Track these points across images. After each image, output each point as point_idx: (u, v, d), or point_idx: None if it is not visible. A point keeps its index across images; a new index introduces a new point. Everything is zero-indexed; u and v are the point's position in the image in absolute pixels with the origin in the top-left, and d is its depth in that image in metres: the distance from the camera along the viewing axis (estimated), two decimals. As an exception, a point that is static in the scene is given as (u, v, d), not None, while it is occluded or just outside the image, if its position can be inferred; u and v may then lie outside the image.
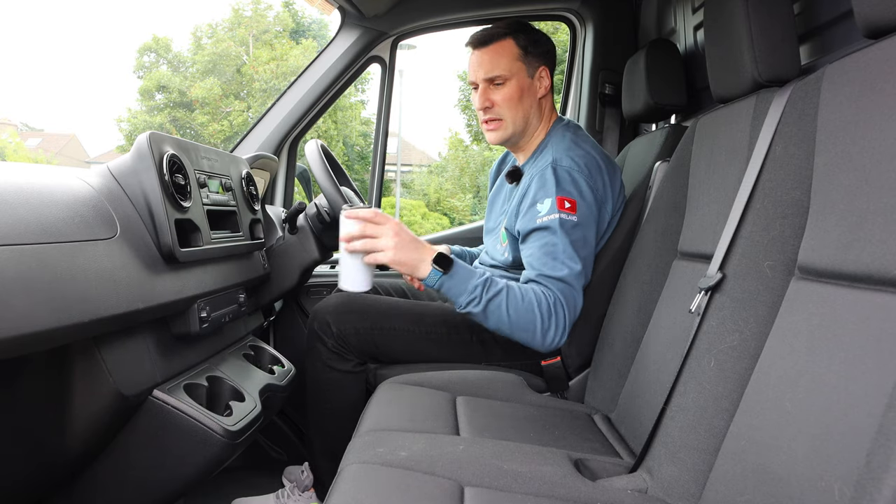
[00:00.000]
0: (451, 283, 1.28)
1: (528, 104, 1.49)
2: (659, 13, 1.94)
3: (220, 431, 1.07)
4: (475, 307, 1.29)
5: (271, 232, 1.64)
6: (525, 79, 1.48)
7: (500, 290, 1.30)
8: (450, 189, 17.07)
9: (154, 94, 19.49)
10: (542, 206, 1.38)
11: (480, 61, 1.49)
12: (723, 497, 0.80)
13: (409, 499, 0.80)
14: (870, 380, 0.63)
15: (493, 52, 1.47)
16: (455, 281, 1.28)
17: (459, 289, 1.29)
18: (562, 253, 1.35)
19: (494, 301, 1.29)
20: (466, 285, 1.29)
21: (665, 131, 1.54)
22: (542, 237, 1.37)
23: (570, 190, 1.38)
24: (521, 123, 1.50)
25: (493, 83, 1.48)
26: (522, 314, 1.30)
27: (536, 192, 1.40)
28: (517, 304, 1.30)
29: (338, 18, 2.02)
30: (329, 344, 1.45)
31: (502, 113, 1.49)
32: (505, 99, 1.47)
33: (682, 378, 0.95)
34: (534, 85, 1.50)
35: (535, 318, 1.30)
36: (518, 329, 1.31)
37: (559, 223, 1.35)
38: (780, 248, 0.86)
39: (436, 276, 1.28)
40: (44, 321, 0.75)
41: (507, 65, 1.46)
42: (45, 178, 0.92)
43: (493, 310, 1.29)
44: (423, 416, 1.14)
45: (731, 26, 1.05)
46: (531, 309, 1.30)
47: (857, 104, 0.76)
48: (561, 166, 1.40)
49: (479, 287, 1.29)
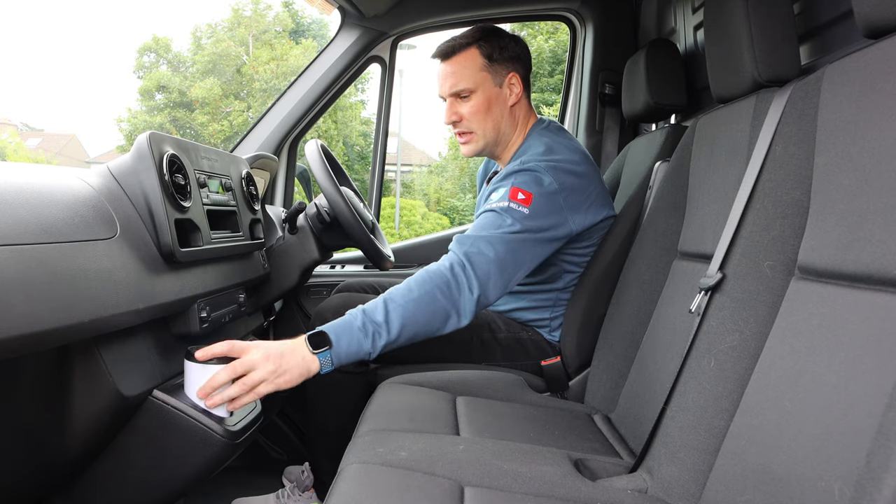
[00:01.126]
0: (343, 348, 1.09)
1: (497, 114, 1.44)
2: (659, 13, 1.94)
3: (220, 431, 1.07)
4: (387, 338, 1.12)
5: (271, 232, 1.64)
6: (492, 88, 1.43)
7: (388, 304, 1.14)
8: (450, 189, 17.08)
9: (154, 94, 19.50)
10: (495, 195, 1.33)
11: (445, 74, 1.44)
12: (723, 497, 0.80)
13: (409, 499, 0.80)
14: (870, 380, 0.63)
15: (457, 64, 1.42)
16: (345, 340, 1.10)
17: (354, 342, 1.10)
18: (487, 227, 1.25)
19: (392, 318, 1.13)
20: (354, 332, 1.10)
21: (665, 131, 1.54)
22: (481, 219, 1.30)
23: (527, 183, 1.30)
24: (493, 134, 1.46)
25: (459, 97, 1.43)
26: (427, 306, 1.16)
27: (496, 183, 1.37)
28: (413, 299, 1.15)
29: (338, 18, 2.02)
30: None
31: (471, 126, 1.45)
32: (472, 112, 1.43)
33: (682, 378, 0.95)
34: (502, 93, 1.44)
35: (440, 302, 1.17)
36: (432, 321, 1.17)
37: (506, 209, 1.27)
38: (780, 248, 0.86)
39: (328, 357, 1.08)
40: (44, 321, 0.75)
41: (471, 76, 1.41)
42: (45, 178, 0.92)
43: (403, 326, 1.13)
44: (423, 416, 1.13)
45: (731, 26, 1.05)
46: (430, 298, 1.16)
47: (857, 104, 0.76)
48: (527, 166, 1.34)
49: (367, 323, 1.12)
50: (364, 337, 1.11)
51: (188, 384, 1.09)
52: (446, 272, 1.20)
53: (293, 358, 1.06)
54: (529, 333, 1.52)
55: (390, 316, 1.13)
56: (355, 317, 1.13)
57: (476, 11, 2.11)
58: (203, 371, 1.07)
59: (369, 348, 1.11)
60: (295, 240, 1.63)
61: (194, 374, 1.08)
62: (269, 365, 1.04)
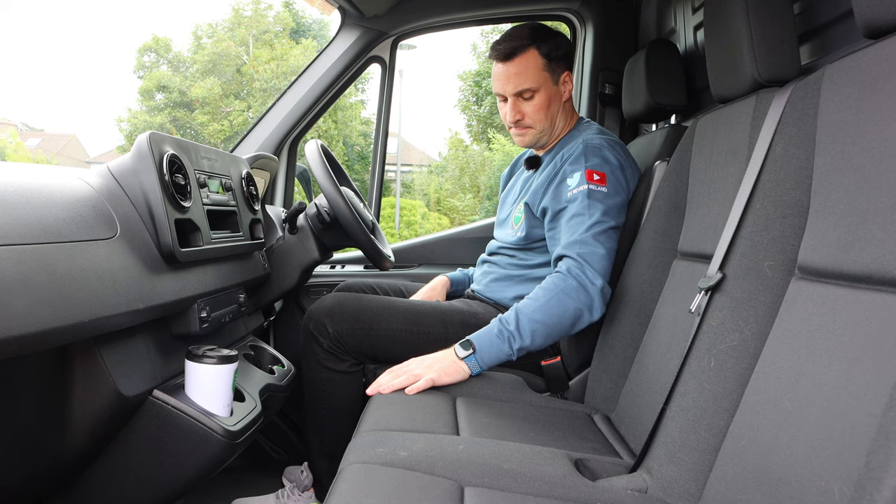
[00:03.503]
0: (486, 352, 1.28)
1: (555, 110, 1.54)
2: (659, 13, 1.94)
3: (220, 431, 1.07)
4: (520, 342, 1.28)
5: (271, 232, 1.64)
6: (552, 87, 1.52)
7: (519, 313, 1.29)
8: (450, 189, 17.06)
9: (154, 94, 19.49)
10: (572, 181, 1.42)
11: (508, 75, 1.50)
12: (723, 497, 0.80)
13: (409, 499, 0.80)
14: (870, 380, 0.63)
15: (520, 66, 1.48)
16: (486, 345, 1.28)
17: (494, 347, 1.28)
18: (586, 220, 1.37)
19: (521, 321, 1.28)
20: (492, 340, 1.28)
21: (665, 131, 1.54)
22: (570, 210, 1.40)
23: (599, 163, 1.41)
24: (549, 128, 1.55)
25: (521, 96, 1.51)
26: (545, 306, 1.29)
27: (566, 169, 1.45)
28: (532, 305, 1.30)
29: (338, 18, 2.02)
30: (325, 344, 1.45)
31: (532, 122, 1.53)
32: (535, 111, 1.51)
33: (682, 378, 0.95)
34: (559, 91, 1.54)
35: (562, 300, 1.29)
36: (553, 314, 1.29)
37: (587, 193, 1.38)
38: (780, 248, 0.86)
39: (474, 361, 1.28)
40: (44, 321, 0.75)
41: (534, 77, 1.49)
42: (45, 178, 0.92)
43: (525, 326, 1.28)
44: (423, 416, 1.13)
45: (731, 26, 1.05)
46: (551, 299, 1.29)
47: (857, 104, 0.76)
48: (591, 144, 1.45)
49: (502, 331, 1.28)
50: (502, 342, 1.28)
51: (189, 384, 1.09)
52: (568, 276, 1.32)
53: (446, 361, 1.29)
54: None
55: (521, 322, 1.28)
56: (493, 326, 1.30)
57: (476, 11, 2.11)
58: (203, 371, 1.08)
59: (508, 351, 1.28)
60: (295, 240, 1.63)
61: (195, 374, 1.08)
62: (429, 367, 1.27)
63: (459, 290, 1.80)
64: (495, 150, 15.17)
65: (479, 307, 1.58)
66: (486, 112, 16.69)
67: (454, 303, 1.61)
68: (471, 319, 1.51)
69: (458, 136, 17.44)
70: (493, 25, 6.86)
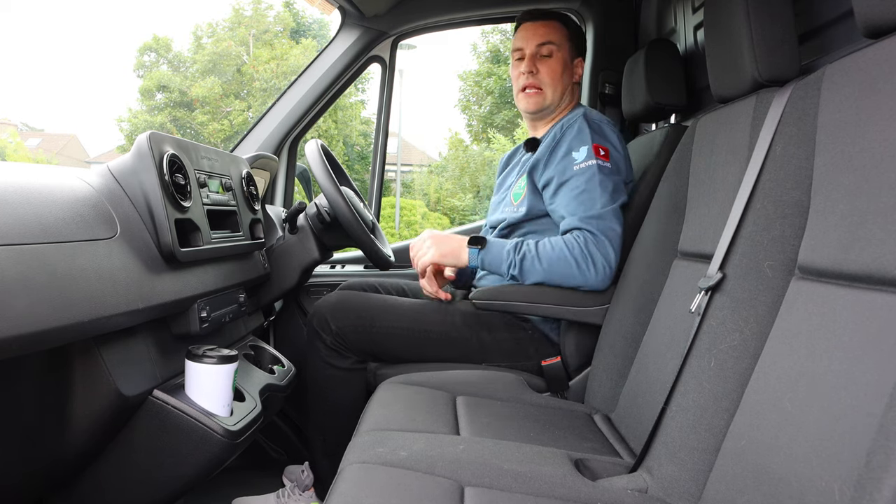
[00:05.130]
0: (489, 257, 1.43)
1: (566, 82, 1.61)
2: (659, 13, 1.94)
3: (220, 431, 1.07)
4: (514, 270, 1.41)
5: (271, 232, 1.64)
6: (567, 57, 1.62)
7: (530, 248, 1.42)
8: (450, 189, 17.07)
9: (154, 94, 19.48)
10: (578, 154, 1.46)
11: (535, 30, 1.61)
12: (723, 497, 0.80)
13: (409, 499, 0.80)
14: (870, 380, 0.63)
15: (547, 26, 1.61)
16: (492, 253, 1.43)
17: (498, 259, 1.43)
18: (599, 196, 1.41)
19: (527, 259, 1.41)
20: (502, 254, 1.43)
21: (665, 131, 1.54)
22: (578, 184, 1.44)
23: (602, 139, 1.48)
24: (557, 98, 1.61)
25: (540, 55, 1.60)
26: (555, 263, 1.39)
27: (571, 141, 1.48)
28: (548, 255, 1.40)
29: (338, 18, 2.02)
30: (328, 341, 1.46)
31: (544, 81, 1.59)
32: (550, 70, 1.59)
33: (683, 378, 0.95)
34: (573, 68, 1.63)
35: (570, 264, 1.38)
36: (557, 276, 1.40)
37: (597, 169, 1.43)
38: (780, 248, 0.86)
39: (475, 254, 1.44)
40: (44, 321, 0.75)
41: (558, 38, 1.60)
42: (45, 178, 0.92)
43: (528, 267, 1.41)
44: (423, 416, 1.14)
45: (731, 26, 1.05)
46: (563, 256, 1.39)
47: (857, 104, 0.76)
48: (592, 118, 1.51)
49: (510, 252, 1.42)
50: (504, 261, 1.43)
51: (189, 384, 1.09)
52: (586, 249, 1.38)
53: (451, 242, 1.47)
54: (529, 332, 1.52)
55: (526, 260, 1.41)
56: (508, 244, 1.44)
57: (476, 11, 2.11)
58: (203, 371, 1.08)
59: (505, 271, 1.43)
60: (295, 240, 1.63)
61: (195, 374, 1.08)
62: (430, 241, 1.48)
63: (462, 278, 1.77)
64: (495, 150, 15.16)
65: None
66: (486, 112, 16.69)
67: (456, 301, 1.62)
68: (472, 319, 1.51)
69: (458, 136, 17.46)
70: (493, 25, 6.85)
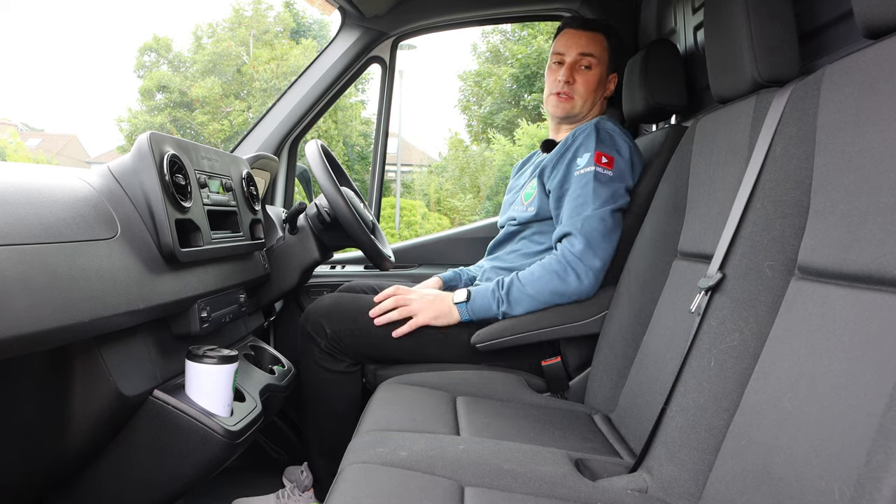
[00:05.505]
0: (477, 306, 1.45)
1: (598, 96, 1.65)
2: (659, 13, 1.94)
3: (220, 431, 1.07)
4: (504, 306, 1.43)
5: (271, 232, 1.64)
6: (604, 72, 1.64)
7: (513, 280, 1.44)
8: (450, 189, 17.06)
9: (154, 94, 19.48)
10: (581, 161, 1.49)
11: (578, 39, 1.63)
12: (723, 497, 0.80)
13: (409, 499, 0.80)
14: (870, 380, 0.63)
15: (590, 38, 1.62)
16: (478, 301, 1.45)
17: (485, 302, 1.44)
18: (591, 202, 1.43)
19: (513, 290, 1.43)
20: (487, 295, 1.45)
21: (665, 131, 1.54)
22: (576, 191, 1.47)
23: (608, 147, 1.48)
24: (586, 109, 1.64)
25: (580, 64, 1.62)
26: (539, 284, 1.42)
27: (578, 147, 1.52)
28: (531, 280, 1.43)
29: (338, 19, 2.02)
30: (322, 345, 1.45)
31: (578, 91, 1.62)
32: (586, 82, 1.62)
33: (683, 378, 0.95)
34: (606, 82, 1.66)
35: (552, 280, 1.41)
36: (545, 296, 1.42)
37: (593, 176, 1.45)
38: (780, 248, 0.86)
39: (465, 309, 1.45)
40: (44, 321, 0.75)
41: (599, 51, 1.62)
42: (45, 179, 0.92)
43: (516, 298, 1.43)
44: (423, 416, 1.14)
45: (731, 26, 1.05)
46: (543, 276, 1.42)
47: (857, 104, 0.76)
48: (604, 128, 1.52)
49: (495, 290, 1.44)
50: (492, 302, 1.44)
51: (189, 384, 1.09)
52: (564, 259, 1.42)
53: (439, 303, 1.46)
54: (529, 332, 1.52)
55: (512, 292, 1.43)
56: (491, 285, 1.46)
57: (476, 11, 2.11)
58: (203, 371, 1.08)
59: (495, 311, 1.44)
60: (295, 240, 1.63)
61: (195, 374, 1.08)
62: (421, 303, 1.45)
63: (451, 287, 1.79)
64: (495, 151, 15.16)
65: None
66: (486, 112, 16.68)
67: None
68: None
69: (457, 136, 17.44)
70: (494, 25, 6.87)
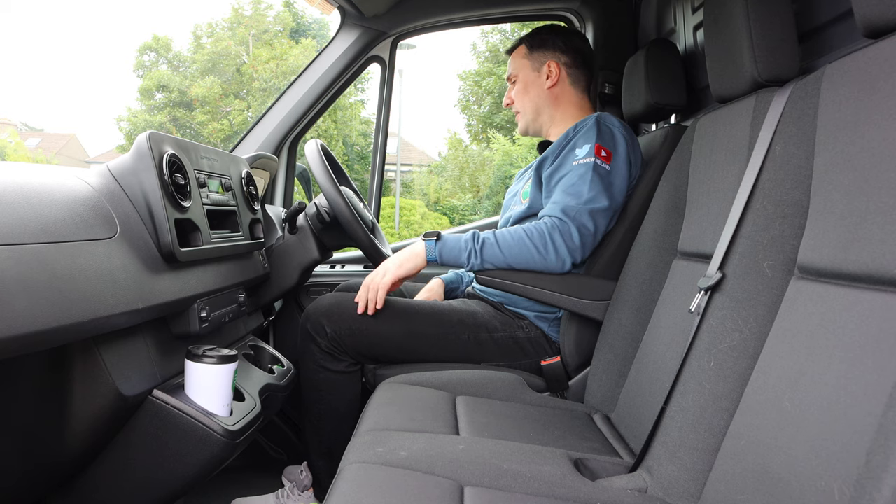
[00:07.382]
0: (447, 249, 1.42)
1: (534, 93, 1.68)
2: (659, 13, 1.94)
3: (220, 431, 1.07)
4: (475, 259, 1.41)
5: (271, 232, 1.64)
6: (529, 73, 1.69)
7: (489, 237, 1.42)
8: (449, 189, 17.07)
9: (154, 94, 19.49)
10: (581, 151, 1.49)
11: (507, 65, 1.76)
12: (723, 497, 0.80)
13: (409, 499, 0.80)
14: (870, 380, 0.63)
15: (512, 60, 1.73)
16: (449, 245, 1.42)
17: (455, 249, 1.42)
18: (586, 192, 1.43)
19: (487, 246, 1.41)
20: (459, 244, 1.42)
21: (665, 131, 1.53)
22: (572, 178, 1.46)
23: (608, 141, 1.49)
24: (532, 111, 1.69)
25: (511, 82, 1.73)
26: (514, 248, 1.40)
27: (578, 139, 1.52)
28: (507, 242, 1.41)
29: (338, 18, 2.02)
30: (322, 344, 1.45)
31: (517, 105, 1.72)
32: (516, 93, 1.71)
33: (682, 378, 0.95)
34: (538, 77, 1.68)
35: (530, 250, 1.40)
36: (517, 261, 1.41)
37: (593, 166, 1.45)
38: (779, 247, 0.86)
39: (432, 246, 1.42)
40: (44, 321, 0.75)
41: (516, 65, 1.71)
42: (45, 178, 0.92)
43: (489, 256, 1.40)
44: (423, 416, 1.14)
45: (731, 26, 1.05)
46: (521, 241, 1.40)
47: (857, 104, 0.76)
48: (605, 122, 1.53)
49: (469, 241, 1.42)
50: (463, 251, 1.41)
51: (189, 384, 1.09)
52: (550, 237, 1.40)
53: (405, 252, 1.44)
54: (527, 331, 1.52)
55: (486, 247, 1.41)
56: (466, 235, 1.43)
57: (476, 11, 2.11)
58: (203, 371, 1.08)
59: (464, 262, 1.42)
60: (295, 239, 1.63)
61: (195, 373, 1.08)
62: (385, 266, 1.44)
63: (453, 289, 1.81)
64: (495, 150, 15.16)
65: (477, 306, 1.58)
66: (486, 112, 16.68)
67: (452, 302, 1.61)
68: (469, 319, 1.51)
69: (457, 136, 17.46)
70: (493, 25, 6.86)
